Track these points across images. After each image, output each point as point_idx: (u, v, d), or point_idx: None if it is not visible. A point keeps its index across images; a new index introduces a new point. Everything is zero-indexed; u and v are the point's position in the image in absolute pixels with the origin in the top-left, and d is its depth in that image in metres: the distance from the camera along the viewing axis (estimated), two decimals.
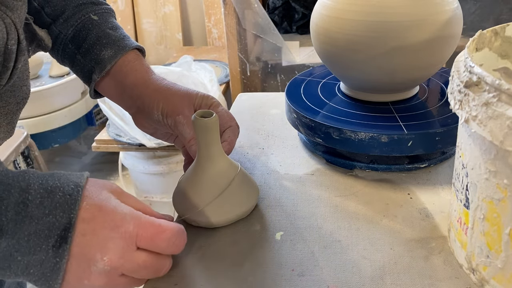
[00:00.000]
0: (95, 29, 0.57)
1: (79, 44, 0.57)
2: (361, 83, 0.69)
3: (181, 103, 0.55)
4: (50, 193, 0.35)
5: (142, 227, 0.38)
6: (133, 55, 0.58)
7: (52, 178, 0.36)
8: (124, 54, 0.56)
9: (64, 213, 0.35)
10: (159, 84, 0.56)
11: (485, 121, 0.38)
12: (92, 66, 0.57)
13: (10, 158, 1.47)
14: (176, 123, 0.54)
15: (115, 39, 0.57)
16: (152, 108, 0.55)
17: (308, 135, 0.68)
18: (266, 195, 0.63)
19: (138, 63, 0.58)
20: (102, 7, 0.60)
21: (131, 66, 0.57)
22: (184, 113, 0.54)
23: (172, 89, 0.56)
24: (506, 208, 0.40)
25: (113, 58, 0.56)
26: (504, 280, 0.43)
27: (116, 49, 0.56)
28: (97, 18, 0.58)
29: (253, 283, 0.49)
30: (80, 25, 0.57)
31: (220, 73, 2.12)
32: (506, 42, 0.52)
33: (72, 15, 0.57)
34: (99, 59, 0.56)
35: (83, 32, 0.57)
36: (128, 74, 0.56)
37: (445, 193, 0.61)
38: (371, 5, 0.61)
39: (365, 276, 0.49)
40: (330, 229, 0.56)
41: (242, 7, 1.61)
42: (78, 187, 0.36)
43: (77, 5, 0.58)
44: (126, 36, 0.59)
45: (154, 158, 1.68)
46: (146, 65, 0.59)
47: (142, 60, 0.59)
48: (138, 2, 2.56)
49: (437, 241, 0.53)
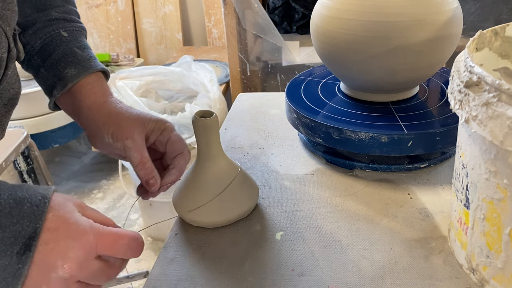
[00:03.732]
0: (62, 45, 0.58)
1: (45, 58, 0.57)
2: (361, 83, 0.69)
3: (131, 127, 0.55)
4: (18, 203, 0.37)
5: (101, 237, 0.40)
6: (95, 78, 0.58)
7: (21, 190, 0.39)
8: (86, 76, 0.57)
9: (31, 223, 0.37)
10: (112, 108, 0.57)
11: (485, 121, 0.38)
12: (54, 81, 0.57)
13: (10, 158, 1.47)
14: (124, 147, 0.54)
15: (80, 59, 0.58)
16: (103, 132, 0.55)
17: (308, 135, 0.68)
18: (266, 195, 0.63)
19: (98, 86, 0.58)
20: (74, 25, 0.60)
21: (90, 88, 0.57)
22: (133, 137, 0.55)
23: (124, 113, 0.57)
24: (506, 208, 0.40)
25: (76, 77, 0.57)
26: (504, 280, 0.43)
27: (80, 69, 0.57)
28: (67, 35, 0.58)
29: (253, 283, 0.49)
30: (49, 39, 0.58)
31: (220, 73, 2.12)
32: (506, 42, 0.52)
33: (42, 28, 0.58)
34: (62, 76, 0.57)
35: (50, 47, 0.57)
36: (86, 96, 0.57)
37: (445, 193, 0.61)
38: (371, 5, 0.61)
39: (365, 276, 0.49)
40: (330, 229, 0.56)
41: (242, 7, 1.61)
42: (45, 199, 0.39)
43: (49, 19, 0.58)
44: (92, 57, 0.59)
45: None
46: (105, 87, 0.59)
47: (103, 82, 0.59)
48: (138, 2, 2.56)
49: (437, 241, 0.53)
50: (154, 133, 0.56)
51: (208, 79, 1.76)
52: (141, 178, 0.54)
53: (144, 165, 0.53)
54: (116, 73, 1.79)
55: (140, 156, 0.54)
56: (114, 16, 2.59)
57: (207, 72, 1.81)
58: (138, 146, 0.54)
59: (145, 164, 0.54)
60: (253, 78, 1.78)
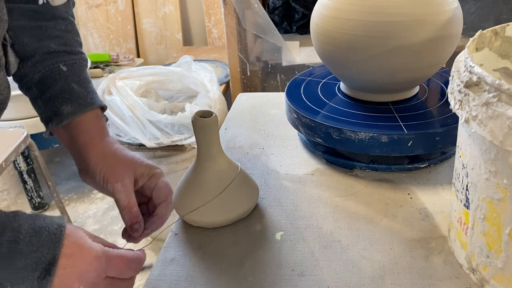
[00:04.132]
0: (61, 80, 0.57)
1: (42, 91, 0.57)
2: (361, 83, 0.69)
3: (123, 171, 0.56)
4: (37, 232, 0.41)
5: (111, 260, 0.45)
6: (92, 116, 0.58)
7: (39, 219, 0.42)
8: (82, 114, 0.57)
9: (50, 250, 0.41)
10: (108, 150, 0.58)
11: (485, 121, 0.38)
12: (50, 115, 0.58)
13: (10, 158, 1.47)
14: (114, 189, 0.55)
15: (78, 96, 0.58)
16: (95, 172, 0.56)
17: (308, 135, 0.68)
18: (266, 195, 0.63)
19: (94, 125, 0.58)
20: (74, 57, 0.59)
21: (86, 127, 0.58)
22: (123, 181, 0.55)
23: (117, 156, 0.57)
24: (506, 208, 0.40)
25: (71, 115, 0.57)
26: (504, 280, 0.43)
27: (76, 106, 0.57)
28: (66, 69, 0.58)
29: (253, 283, 0.49)
30: (48, 73, 0.57)
31: (220, 73, 2.12)
32: (506, 42, 0.52)
33: (41, 60, 0.57)
34: (58, 112, 0.57)
35: (49, 81, 0.57)
36: (81, 134, 0.58)
37: (445, 193, 0.61)
38: (371, 5, 0.61)
39: (365, 276, 0.49)
40: (330, 229, 0.56)
41: (242, 7, 1.61)
42: (61, 227, 0.43)
43: (48, 52, 0.57)
44: (90, 93, 0.59)
45: (154, 158, 1.68)
46: (101, 126, 0.59)
47: (100, 121, 0.60)
48: (138, 2, 2.56)
49: (437, 241, 0.53)
50: (143, 178, 0.57)
51: (208, 79, 1.76)
52: (126, 222, 0.55)
53: (130, 210, 0.54)
54: (116, 73, 1.79)
55: (128, 200, 0.55)
56: (114, 16, 2.59)
57: (207, 72, 1.81)
58: (127, 190, 0.55)
59: (132, 208, 0.55)
60: (253, 78, 1.78)
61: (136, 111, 1.57)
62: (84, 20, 2.61)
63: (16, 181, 2.24)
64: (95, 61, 2.26)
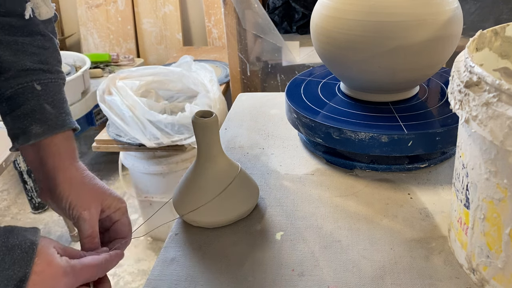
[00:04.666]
0: (33, 100, 0.56)
1: (12, 109, 0.56)
2: (361, 83, 0.69)
3: (90, 199, 0.55)
4: (10, 250, 0.43)
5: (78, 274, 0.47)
6: (62, 137, 0.57)
7: (12, 236, 0.44)
8: (52, 135, 0.56)
9: (21, 268, 0.43)
10: (77, 175, 0.56)
11: (485, 121, 0.38)
12: (18, 133, 0.56)
13: (10, 158, 1.47)
14: (79, 217, 0.54)
15: (48, 117, 0.56)
16: (62, 197, 0.55)
17: (308, 135, 0.68)
18: (266, 195, 0.63)
19: (64, 148, 0.57)
20: (51, 76, 0.58)
21: (55, 149, 0.56)
22: (90, 210, 0.55)
23: (86, 183, 0.56)
24: (506, 208, 0.40)
25: (40, 136, 0.55)
26: (504, 280, 0.43)
27: (46, 128, 0.55)
28: (40, 88, 0.56)
29: (253, 283, 0.49)
30: (20, 90, 0.56)
31: (220, 73, 2.12)
32: (506, 42, 0.52)
33: (14, 77, 0.56)
34: (26, 131, 0.55)
35: (20, 99, 0.56)
36: (50, 156, 0.56)
37: (445, 193, 0.61)
38: (371, 5, 0.61)
39: (365, 276, 0.49)
40: (330, 229, 0.56)
41: (242, 7, 1.61)
42: (33, 245, 0.44)
43: (23, 69, 0.56)
44: (63, 114, 0.58)
45: (154, 158, 1.68)
46: (71, 149, 0.58)
47: (70, 143, 0.58)
48: (138, 2, 2.56)
49: (437, 241, 0.53)
50: (109, 209, 0.56)
51: (208, 79, 1.76)
52: (85, 250, 0.54)
53: (92, 240, 0.54)
54: (116, 73, 1.79)
55: (92, 230, 0.54)
56: (114, 16, 2.59)
57: (207, 72, 1.81)
58: (92, 220, 0.55)
59: (94, 238, 0.54)
60: (253, 78, 1.78)
61: (136, 111, 1.57)
62: (84, 20, 2.61)
63: (16, 181, 2.24)
64: (95, 61, 2.26)
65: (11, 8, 0.55)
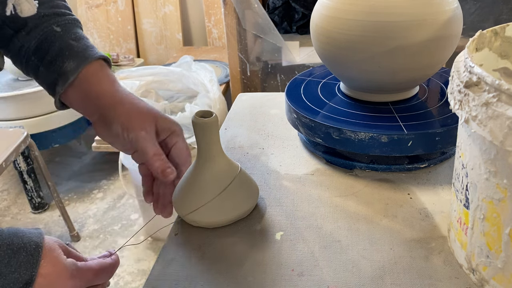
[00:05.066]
0: (57, 41, 0.56)
1: (42, 57, 0.56)
2: (361, 83, 0.69)
3: (143, 120, 0.54)
4: (15, 253, 0.43)
5: (84, 275, 0.48)
6: (97, 66, 0.57)
7: (17, 238, 0.44)
8: (86, 65, 0.56)
9: (27, 271, 0.43)
10: (124, 97, 0.55)
11: (485, 121, 0.38)
12: (55, 78, 0.56)
13: (10, 158, 1.47)
14: (138, 138, 0.53)
15: (77, 50, 0.56)
16: (112, 120, 0.54)
17: (308, 135, 0.68)
18: (266, 195, 0.63)
19: (103, 74, 0.57)
20: (65, 18, 0.58)
21: (95, 77, 0.56)
22: (146, 129, 0.53)
23: (136, 104, 0.55)
24: (506, 208, 0.40)
25: (76, 70, 0.55)
26: (504, 280, 0.43)
27: (79, 60, 0.56)
28: (60, 29, 0.57)
29: (253, 283, 0.49)
30: (43, 37, 0.56)
31: (220, 73, 2.12)
32: (506, 42, 0.52)
33: (34, 27, 0.56)
34: (61, 71, 0.55)
35: (46, 45, 0.56)
36: (93, 85, 0.56)
37: (445, 193, 0.61)
38: (371, 5, 0.61)
39: (365, 276, 0.49)
40: (330, 229, 0.56)
41: (242, 7, 1.61)
42: (38, 248, 0.44)
43: (39, 16, 0.56)
44: (89, 47, 0.58)
45: None
46: (111, 75, 0.57)
47: (107, 70, 0.58)
48: (138, 2, 2.56)
49: (437, 241, 0.53)
50: (164, 132, 0.55)
51: (208, 79, 1.76)
52: (156, 169, 0.52)
53: (160, 156, 0.52)
54: (116, 73, 1.79)
55: (156, 147, 0.52)
56: (114, 16, 2.59)
57: (207, 72, 1.81)
58: (152, 138, 0.53)
59: (161, 155, 0.52)
60: (253, 78, 1.78)
61: None
62: (84, 20, 2.61)
63: (16, 181, 2.24)
64: None
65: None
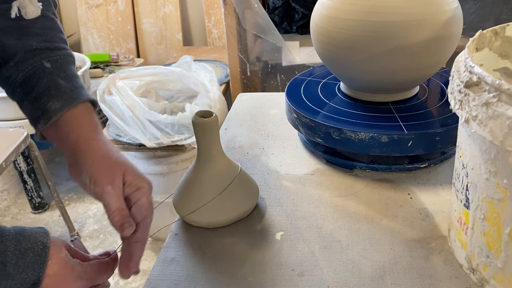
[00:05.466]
0: (46, 77, 0.55)
1: (28, 91, 0.55)
2: (361, 83, 0.69)
3: (113, 173, 0.52)
4: (23, 253, 0.43)
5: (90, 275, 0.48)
6: (82, 109, 0.56)
7: (24, 239, 0.44)
8: (71, 108, 0.55)
9: (34, 271, 0.43)
10: (99, 147, 0.54)
11: (485, 121, 0.38)
12: (38, 115, 0.55)
13: (10, 158, 1.47)
14: (103, 193, 0.51)
15: (64, 91, 0.55)
16: (83, 169, 0.53)
17: (308, 135, 0.68)
18: (266, 195, 0.63)
19: (85, 119, 0.56)
20: (58, 53, 0.57)
21: (77, 121, 0.55)
22: (114, 183, 0.52)
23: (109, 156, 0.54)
24: (506, 208, 0.40)
25: (59, 111, 0.54)
26: (504, 280, 0.43)
27: (64, 102, 0.55)
28: (50, 65, 0.56)
29: (253, 283, 0.49)
30: (31, 71, 0.55)
31: (220, 73, 2.12)
32: (506, 42, 0.52)
33: (23, 60, 0.55)
34: (45, 109, 0.54)
35: (33, 80, 0.55)
36: (73, 128, 0.55)
37: (445, 193, 0.61)
38: (371, 5, 0.61)
39: (365, 276, 0.49)
40: (330, 229, 0.56)
41: (242, 7, 1.61)
42: (45, 248, 0.45)
43: (31, 50, 0.55)
44: (77, 87, 0.57)
45: (154, 158, 1.68)
46: (94, 121, 0.56)
47: (91, 115, 0.57)
48: (138, 2, 2.56)
49: (437, 241, 0.53)
50: (130, 187, 0.53)
51: (208, 79, 1.76)
52: (115, 223, 0.51)
53: (121, 212, 0.51)
54: (116, 73, 1.79)
55: (119, 203, 0.51)
56: (114, 16, 2.59)
57: (207, 72, 1.81)
58: (117, 193, 0.52)
59: (122, 211, 0.51)
60: (253, 78, 1.78)
61: (136, 111, 1.57)
62: (84, 20, 2.61)
63: (16, 181, 2.24)
64: (95, 61, 2.26)
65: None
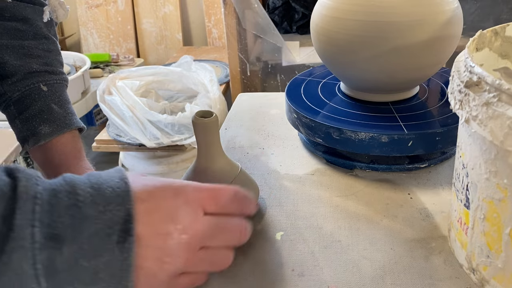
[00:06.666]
0: (40, 100, 0.57)
1: (21, 111, 0.56)
2: (361, 83, 0.69)
3: None
4: (98, 190, 0.33)
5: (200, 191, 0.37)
6: (68, 137, 0.57)
7: (93, 177, 0.35)
8: (60, 135, 0.56)
9: (120, 206, 0.33)
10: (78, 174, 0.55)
11: (486, 121, 0.38)
12: (27, 135, 0.57)
13: (10, 158, 1.47)
14: None
15: (56, 117, 0.57)
16: None
17: (308, 135, 0.68)
18: (266, 195, 0.63)
19: (70, 146, 0.57)
20: (55, 77, 0.58)
21: (62, 148, 0.57)
22: None
23: None
24: (506, 208, 0.40)
25: (49, 136, 0.56)
26: (505, 280, 0.43)
27: (54, 127, 0.56)
28: (47, 89, 0.57)
29: (253, 283, 0.49)
30: (27, 92, 0.56)
31: (220, 73, 2.12)
32: (506, 42, 0.52)
33: (21, 79, 0.56)
34: (36, 132, 0.56)
35: (28, 100, 0.56)
36: (56, 155, 0.56)
37: (445, 193, 0.61)
38: (371, 5, 0.61)
39: (365, 276, 0.49)
40: (330, 229, 0.56)
41: (242, 7, 1.61)
42: (124, 179, 0.35)
43: (30, 71, 0.56)
44: (69, 114, 0.58)
45: (154, 158, 1.68)
46: (78, 149, 0.58)
47: (77, 142, 0.58)
48: (138, 2, 2.56)
49: (437, 241, 0.53)
50: None
51: (208, 79, 1.76)
52: None
53: None
54: (116, 73, 1.80)
55: None
56: (114, 16, 2.59)
57: (207, 72, 1.81)
58: None
59: None
60: (253, 78, 1.78)
61: (136, 111, 1.57)
62: (84, 20, 2.61)
63: None
64: (95, 61, 2.26)
65: (16, 12, 0.55)
